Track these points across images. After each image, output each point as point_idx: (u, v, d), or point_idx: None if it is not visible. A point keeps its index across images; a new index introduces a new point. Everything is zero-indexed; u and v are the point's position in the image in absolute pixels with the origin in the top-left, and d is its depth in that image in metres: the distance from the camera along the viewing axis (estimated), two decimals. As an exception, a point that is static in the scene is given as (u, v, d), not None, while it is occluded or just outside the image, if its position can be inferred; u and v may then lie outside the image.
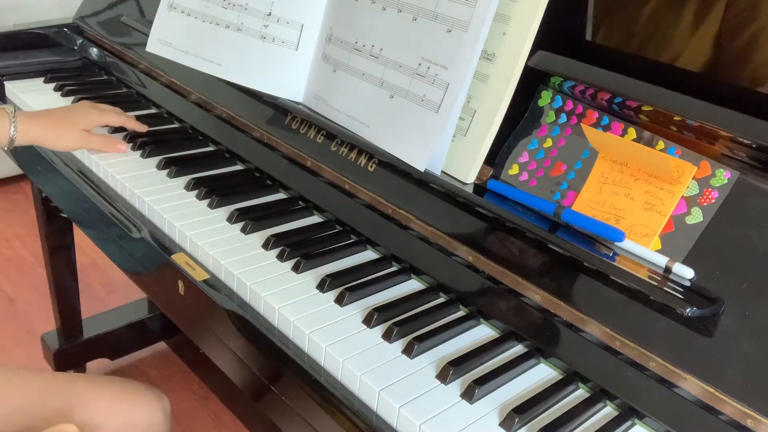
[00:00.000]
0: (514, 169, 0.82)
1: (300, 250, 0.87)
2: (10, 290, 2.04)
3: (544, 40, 0.78)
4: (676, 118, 0.71)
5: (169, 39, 1.09)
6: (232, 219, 0.94)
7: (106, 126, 1.15)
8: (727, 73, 0.71)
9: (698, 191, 0.68)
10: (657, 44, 0.75)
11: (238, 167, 1.11)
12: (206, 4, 1.05)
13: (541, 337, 0.73)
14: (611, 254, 0.70)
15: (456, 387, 0.69)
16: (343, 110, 0.92)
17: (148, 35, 1.11)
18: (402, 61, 0.86)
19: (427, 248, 0.84)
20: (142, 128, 1.15)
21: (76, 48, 1.47)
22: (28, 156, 1.20)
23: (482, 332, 0.78)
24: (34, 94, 1.29)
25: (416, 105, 0.83)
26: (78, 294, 1.64)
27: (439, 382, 0.69)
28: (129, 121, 1.14)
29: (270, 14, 1.00)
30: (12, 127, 1.02)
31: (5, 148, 1.06)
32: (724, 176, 0.68)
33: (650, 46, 0.75)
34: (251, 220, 0.92)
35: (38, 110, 1.09)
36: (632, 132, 0.74)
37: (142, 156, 1.10)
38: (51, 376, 0.97)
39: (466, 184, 0.83)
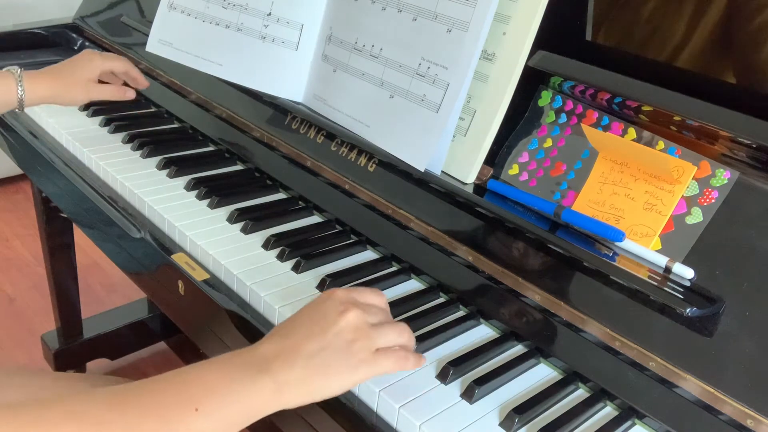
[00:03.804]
0: (514, 169, 0.82)
1: (300, 250, 0.87)
2: (10, 290, 2.04)
3: (544, 40, 0.79)
4: (676, 118, 0.71)
5: (169, 39, 1.09)
6: (232, 219, 0.94)
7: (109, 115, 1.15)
8: (728, 73, 0.71)
9: (698, 191, 0.68)
10: (657, 44, 0.75)
11: (238, 167, 1.11)
12: (206, 4, 1.05)
13: (541, 337, 0.73)
14: (611, 254, 0.70)
15: (456, 387, 0.69)
16: (343, 110, 0.92)
17: (148, 35, 1.11)
18: (402, 61, 0.86)
19: (427, 248, 0.84)
20: (143, 82, 1.14)
21: (76, 48, 1.47)
22: (28, 156, 1.20)
23: (482, 332, 0.78)
24: (34, 94, 1.28)
25: (416, 105, 0.83)
26: (78, 294, 1.64)
27: (439, 382, 0.69)
28: (132, 69, 1.14)
29: (270, 14, 1.00)
30: (19, 88, 1.01)
31: (17, 110, 1.04)
32: (724, 176, 0.68)
33: (650, 46, 0.75)
34: (251, 220, 0.92)
35: (43, 68, 1.08)
36: (632, 132, 0.74)
37: (142, 156, 1.10)
38: (51, 376, 0.97)
39: (466, 184, 0.83)
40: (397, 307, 0.79)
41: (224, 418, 0.58)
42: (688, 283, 0.66)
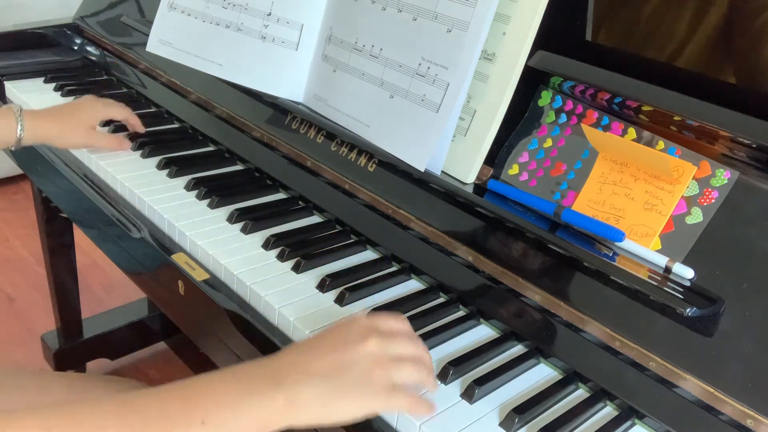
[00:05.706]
0: (514, 169, 0.82)
1: (300, 250, 0.87)
2: (10, 290, 2.04)
3: (544, 40, 0.79)
4: (676, 118, 0.71)
5: (170, 39, 1.09)
6: (232, 219, 0.94)
7: (110, 122, 1.16)
8: (728, 73, 0.71)
9: (698, 191, 0.68)
10: (657, 44, 0.75)
11: (238, 167, 1.11)
12: (206, 4, 1.05)
13: (541, 337, 0.73)
14: (611, 254, 0.70)
15: (456, 387, 0.69)
16: (343, 110, 0.92)
17: (148, 35, 1.11)
18: (402, 61, 0.86)
19: (427, 248, 0.84)
20: (141, 128, 1.15)
21: (76, 48, 1.47)
22: (28, 156, 1.20)
23: (482, 332, 0.78)
24: (34, 95, 1.29)
25: (416, 105, 0.83)
26: (78, 294, 1.64)
27: (439, 382, 0.69)
28: (132, 117, 1.14)
29: (270, 14, 1.00)
30: (19, 127, 1.01)
31: (13, 148, 1.05)
32: (724, 176, 0.68)
33: (650, 46, 0.75)
34: (251, 220, 0.92)
35: (43, 108, 1.09)
36: (632, 132, 0.74)
37: (142, 156, 1.10)
38: (51, 376, 0.97)
39: (466, 184, 0.83)
40: (397, 307, 0.79)
41: (231, 431, 0.57)
42: (688, 283, 0.66)
